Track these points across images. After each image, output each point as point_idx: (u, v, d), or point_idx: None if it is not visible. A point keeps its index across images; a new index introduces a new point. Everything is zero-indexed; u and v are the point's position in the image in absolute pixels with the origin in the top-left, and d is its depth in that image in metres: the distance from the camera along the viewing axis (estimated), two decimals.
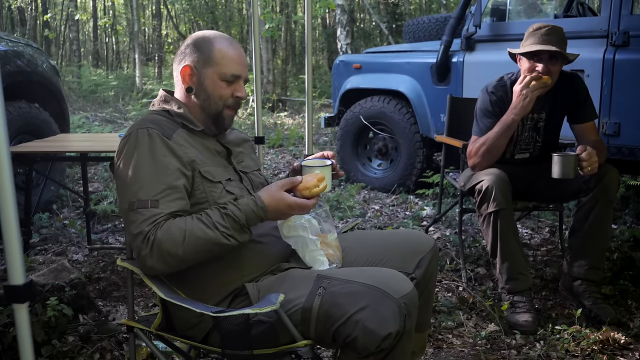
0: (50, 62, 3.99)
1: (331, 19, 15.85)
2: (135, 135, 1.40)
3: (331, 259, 1.47)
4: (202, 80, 1.49)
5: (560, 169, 2.20)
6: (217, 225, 1.32)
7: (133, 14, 13.56)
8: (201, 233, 1.30)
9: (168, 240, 1.29)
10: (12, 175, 1.28)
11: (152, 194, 1.33)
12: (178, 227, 1.30)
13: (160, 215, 1.31)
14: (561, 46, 2.33)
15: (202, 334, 1.41)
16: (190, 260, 1.33)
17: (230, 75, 1.49)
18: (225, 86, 1.49)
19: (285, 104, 11.14)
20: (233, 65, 1.49)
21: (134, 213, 1.32)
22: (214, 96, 1.49)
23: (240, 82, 1.52)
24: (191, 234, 1.30)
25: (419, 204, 4.15)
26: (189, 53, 1.50)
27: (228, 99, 1.50)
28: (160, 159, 1.37)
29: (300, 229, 1.45)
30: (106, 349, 2.07)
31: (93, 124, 7.47)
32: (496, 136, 2.38)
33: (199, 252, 1.32)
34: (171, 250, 1.29)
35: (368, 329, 1.21)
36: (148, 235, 1.29)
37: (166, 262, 1.31)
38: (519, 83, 2.34)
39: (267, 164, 5.73)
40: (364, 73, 4.66)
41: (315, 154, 1.64)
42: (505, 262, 2.34)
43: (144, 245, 1.30)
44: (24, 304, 1.32)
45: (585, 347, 2.09)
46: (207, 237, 1.31)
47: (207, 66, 1.48)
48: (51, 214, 3.72)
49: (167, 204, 1.33)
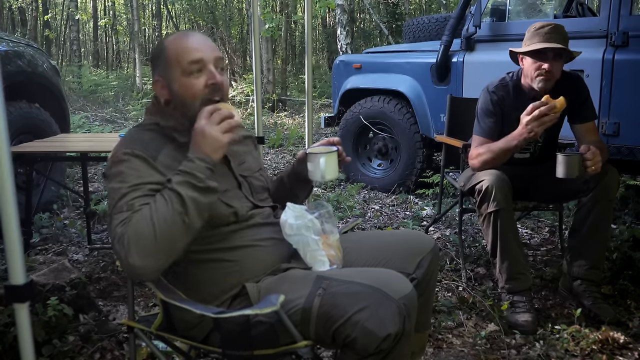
0: (51, 62, 3.99)
1: (331, 19, 15.85)
2: (121, 156, 1.35)
3: (332, 259, 1.47)
4: (172, 88, 1.41)
5: (565, 168, 2.20)
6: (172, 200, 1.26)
7: (133, 14, 13.55)
8: (163, 214, 1.24)
9: (137, 227, 1.23)
10: (12, 175, 1.28)
11: (129, 199, 1.29)
12: (144, 212, 1.25)
13: (131, 213, 1.27)
14: (565, 44, 2.33)
15: (203, 334, 1.41)
16: (168, 241, 1.24)
17: (190, 63, 1.37)
18: (193, 81, 1.38)
19: (285, 104, 11.14)
20: (190, 52, 1.38)
21: (111, 220, 1.29)
22: (187, 97, 1.39)
23: (207, 67, 1.38)
24: (157, 210, 1.24)
25: (419, 204, 4.15)
26: (154, 67, 1.45)
27: (201, 94, 1.38)
28: (145, 175, 1.33)
29: (304, 228, 1.45)
30: (106, 349, 2.08)
31: (93, 124, 7.47)
32: (497, 153, 2.37)
33: (172, 225, 1.24)
34: (143, 236, 1.22)
35: (367, 330, 1.21)
36: (120, 236, 1.24)
37: (146, 254, 1.22)
38: (527, 114, 2.20)
39: (267, 164, 5.73)
40: (364, 73, 4.66)
41: (321, 141, 1.60)
42: (505, 262, 2.35)
43: (120, 246, 1.23)
44: (24, 303, 1.32)
45: (584, 347, 2.09)
46: (170, 215, 1.24)
47: (169, 70, 1.40)
48: (51, 214, 3.73)
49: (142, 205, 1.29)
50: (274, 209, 1.60)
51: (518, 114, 2.35)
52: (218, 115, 1.32)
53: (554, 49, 2.31)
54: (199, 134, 1.32)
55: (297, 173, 1.65)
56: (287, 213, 1.47)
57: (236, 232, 1.45)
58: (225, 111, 1.34)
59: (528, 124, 2.20)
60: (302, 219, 1.46)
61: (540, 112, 2.17)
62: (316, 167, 1.51)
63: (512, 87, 2.49)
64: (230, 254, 1.43)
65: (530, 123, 2.19)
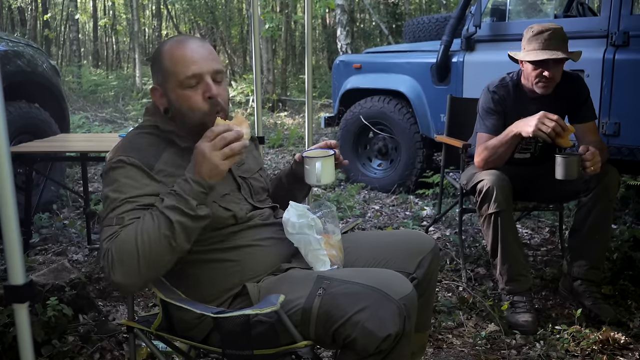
0: (51, 62, 3.99)
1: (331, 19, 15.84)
2: (116, 165, 1.34)
3: (333, 260, 1.46)
4: (170, 98, 1.38)
5: (564, 170, 2.19)
6: (160, 221, 1.24)
7: (133, 14, 13.55)
8: (150, 234, 1.22)
9: (122, 246, 1.22)
10: (12, 175, 1.28)
11: (120, 212, 1.28)
12: (129, 229, 1.24)
13: (119, 228, 1.26)
14: (565, 49, 2.33)
15: (203, 334, 1.41)
16: (154, 262, 1.24)
17: (187, 79, 1.34)
18: (191, 94, 1.35)
19: (285, 104, 11.14)
20: (186, 66, 1.34)
21: (101, 233, 1.28)
22: (184, 109, 1.37)
23: (205, 80, 1.35)
24: (143, 231, 1.23)
25: (419, 204, 4.15)
26: (153, 73, 1.42)
27: (201, 107, 1.36)
28: (140, 186, 1.32)
29: (306, 227, 1.44)
30: (106, 349, 2.07)
31: (93, 124, 7.47)
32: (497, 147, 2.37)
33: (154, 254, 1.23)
34: (128, 255, 1.22)
35: (367, 330, 1.21)
36: (105, 252, 1.24)
37: (130, 273, 1.22)
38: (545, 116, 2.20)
39: (267, 164, 5.73)
40: (364, 73, 4.66)
41: (318, 143, 1.59)
42: (505, 264, 2.34)
43: (105, 262, 1.23)
44: (24, 303, 1.32)
45: (585, 347, 2.09)
46: (156, 235, 1.22)
47: (166, 81, 1.37)
48: (51, 214, 3.73)
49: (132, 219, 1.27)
50: (273, 210, 1.60)
51: (519, 114, 2.35)
52: (221, 140, 1.25)
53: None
54: (199, 154, 1.26)
55: (295, 175, 1.65)
56: (290, 211, 1.46)
57: (236, 233, 1.44)
58: (231, 134, 1.26)
59: (540, 119, 2.18)
60: (304, 217, 1.45)
61: (558, 123, 2.16)
62: (312, 170, 1.50)
63: (512, 87, 2.49)
64: (231, 254, 1.43)
65: (543, 118, 2.18)
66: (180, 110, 1.38)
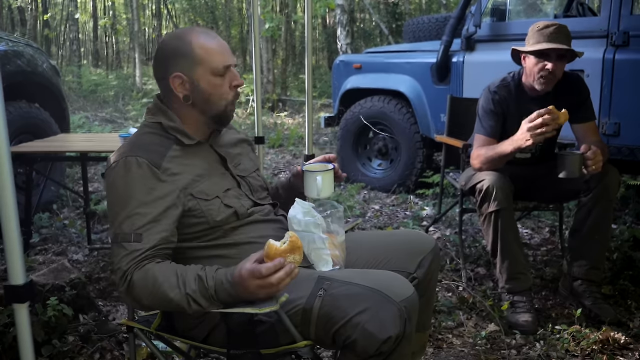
0: (51, 62, 3.99)
1: (331, 19, 15.85)
2: (124, 164, 1.34)
3: (335, 260, 1.46)
4: (197, 84, 1.40)
5: (566, 168, 2.20)
6: (186, 285, 1.25)
7: (133, 14, 13.56)
8: (168, 289, 1.25)
9: (140, 287, 1.26)
10: (12, 175, 1.28)
11: (136, 226, 1.29)
12: (153, 276, 1.26)
13: (141, 252, 1.27)
14: (569, 44, 2.33)
15: (203, 334, 1.41)
16: (156, 308, 1.36)
17: (222, 68, 1.41)
18: (220, 81, 1.42)
19: (285, 104, 11.14)
20: (220, 56, 1.41)
21: (117, 246, 1.29)
22: (214, 96, 1.42)
23: (232, 70, 1.44)
24: (160, 288, 1.25)
25: (419, 204, 4.15)
26: (171, 61, 1.41)
27: (228, 95, 1.44)
28: (148, 190, 1.32)
29: (312, 225, 1.43)
30: (106, 349, 2.08)
31: (93, 124, 7.47)
32: (493, 157, 2.37)
33: (163, 306, 1.30)
34: (139, 297, 1.27)
35: (368, 332, 1.21)
36: (126, 275, 1.27)
37: (140, 301, 1.29)
38: (529, 121, 2.17)
39: (267, 164, 5.73)
40: (364, 73, 4.66)
41: (317, 157, 1.63)
42: (505, 262, 2.35)
43: (121, 282, 1.28)
44: (24, 303, 1.32)
45: (585, 347, 2.09)
46: (172, 295, 1.25)
47: (195, 67, 1.40)
48: (51, 214, 3.73)
49: (150, 237, 1.29)
50: (274, 207, 1.60)
51: (520, 114, 2.35)
52: (268, 286, 1.22)
53: (557, 49, 2.30)
54: (242, 287, 1.24)
55: (293, 187, 1.67)
56: (296, 208, 1.46)
57: (237, 229, 1.45)
58: (279, 278, 1.21)
59: (529, 130, 2.17)
60: (310, 215, 1.45)
61: (544, 121, 2.14)
62: (312, 184, 1.53)
63: (513, 87, 2.49)
64: (231, 250, 1.43)
65: (531, 130, 2.16)
66: (208, 96, 1.42)
